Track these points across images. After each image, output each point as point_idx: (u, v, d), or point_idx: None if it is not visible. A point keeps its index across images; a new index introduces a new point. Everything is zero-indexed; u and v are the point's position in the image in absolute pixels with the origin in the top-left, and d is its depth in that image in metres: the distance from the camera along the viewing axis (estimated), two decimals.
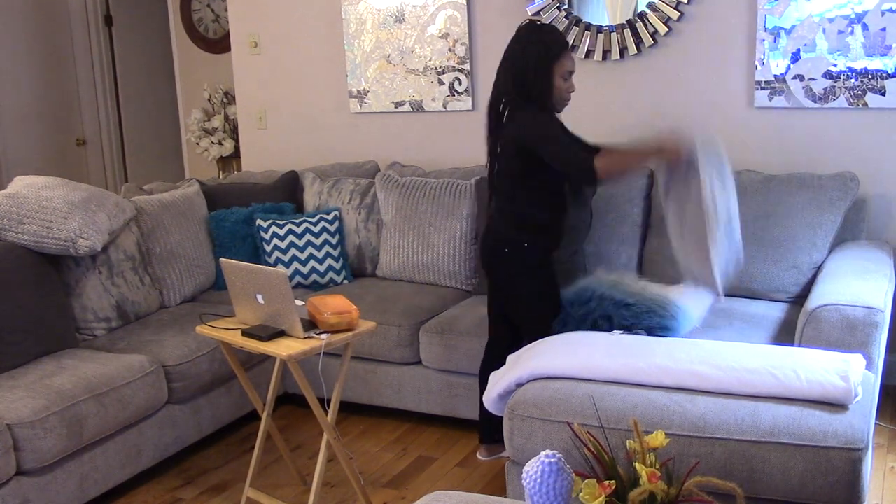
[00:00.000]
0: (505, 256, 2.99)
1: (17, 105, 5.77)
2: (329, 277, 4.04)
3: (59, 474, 2.82)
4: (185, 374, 3.26)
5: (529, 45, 2.90)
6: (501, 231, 3.02)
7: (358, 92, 4.60)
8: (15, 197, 3.30)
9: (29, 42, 5.83)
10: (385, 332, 3.50)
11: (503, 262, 3.01)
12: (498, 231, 3.03)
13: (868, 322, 2.67)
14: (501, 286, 3.07)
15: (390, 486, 3.12)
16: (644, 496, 1.70)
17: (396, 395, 3.59)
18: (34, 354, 3.11)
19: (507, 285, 3.05)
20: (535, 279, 3.01)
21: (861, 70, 3.49)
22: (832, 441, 2.11)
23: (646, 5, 3.83)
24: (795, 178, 3.42)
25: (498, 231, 3.03)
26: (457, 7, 4.26)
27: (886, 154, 3.55)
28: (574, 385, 2.47)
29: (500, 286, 3.08)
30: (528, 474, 1.68)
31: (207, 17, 5.79)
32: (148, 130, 6.44)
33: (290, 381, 3.76)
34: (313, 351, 2.58)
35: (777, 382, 2.29)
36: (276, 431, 3.03)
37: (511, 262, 2.99)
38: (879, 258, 3.20)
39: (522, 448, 2.46)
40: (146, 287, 3.66)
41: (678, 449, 2.21)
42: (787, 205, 3.35)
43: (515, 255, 2.97)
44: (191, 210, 4.02)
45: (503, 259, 3.00)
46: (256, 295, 2.66)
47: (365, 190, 4.19)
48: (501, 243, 3.00)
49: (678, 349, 2.54)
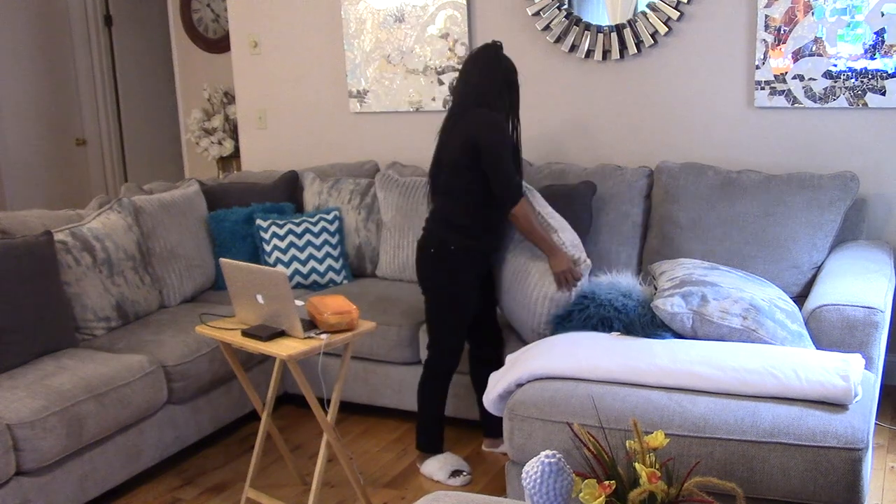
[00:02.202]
0: (430, 256, 3.07)
1: (17, 105, 5.77)
2: (329, 277, 4.04)
3: (59, 474, 2.82)
4: (185, 374, 3.26)
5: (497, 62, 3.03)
6: (431, 234, 3.09)
7: (358, 92, 4.60)
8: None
9: (29, 42, 5.83)
10: (385, 332, 3.50)
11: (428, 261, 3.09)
12: (428, 234, 3.10)
13: (868, 322, 2.67)
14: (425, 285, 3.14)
15: (390, 486, 3.12)
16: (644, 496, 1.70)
17: (396, 395, 3.59)
18: (34, 354, 3.10)
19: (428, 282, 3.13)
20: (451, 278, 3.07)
21: (861, 70, 3.49)
22: (832, 441, 2.11)
23: (646, 5, 3.83)
24: (795, 178, 3.42)
25: (428, 234, 3.10)
26: (457, 7, 4.26)
27: (886, 154, 3.55)
28: (574, 385, 2.47)
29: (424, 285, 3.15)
30: (528, 474, 1.68)
31: (207, 17, 5.78)
32: (148, 130, 6.44)
33: (290, 381, 3.76)
34: (313, 351, 2.58)
35: (777, 382, 2.30)
36: (276, 431, 3.03)
37: (435, 260, 3.07)
38: (879, 258, 3.20)
39: (522, 448, 2.46)
40: (146, 287, 3.66)
41: (678, 449, 2.21)
42: (787, 205, 3.35)
43: (439, 254, 3.05)
44: (191, 210, 4.02)
45: (428, 259, 3.08)
46: (256, 295, 2.66)
47: (365, 190, 4.19)
48: (431, 247, 3.08)
49: (678, 350, 2.54)
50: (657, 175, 3.68)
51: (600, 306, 2.91)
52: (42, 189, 5.94)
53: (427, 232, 3.11)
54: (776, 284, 3.29)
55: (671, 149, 3.91)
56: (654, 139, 3.96)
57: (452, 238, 3.03)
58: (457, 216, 3.04)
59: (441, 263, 3.05)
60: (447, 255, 3.03)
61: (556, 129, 4.16)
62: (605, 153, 4.04)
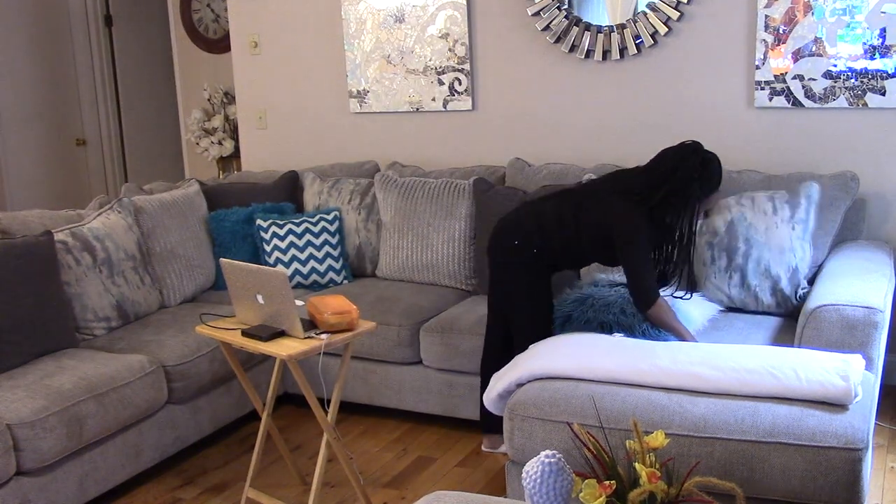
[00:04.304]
0: (511, 248, 3.01)
1: (17, 105, 5.77)
2: (329, 277, 4.04)
3: (59, 474, 2.82)
4: (185, 374, 3.26)
5: (689, 169, 2.85)
6: (523, 224, 3.02)
7: (358, 92, 4.60)
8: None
9: (29, 42, 5.83)
10: (385, 332, 3.50)
11: (506, 252, 3.03)
12: (519, 222, 3.03)
13: (868, 322, 2.67)
14: (498, 275, 3.09)
15: (390, 486, 3.12)
16: (644, 496, 1.70)
17: (396, 395, 3.59)
18: (34, 354, 3.10)
19: (504, 276, 3.07)
20: (531, 277, 3.02)
21: (861, 70, 3.49)
22: (832, 441, 2.11)
23: (646, 5, 3.83)
24: (795, 178, 3.42)
25: (519, 222, 3.03)
26: (457, 7, 4.26)
27: (886, 154, 3.55)
28: (574, 385, 2.47)
29: (496, 275, 3.09)
30: (528, 474, 1.68)
31: (207, 17, 5.79)
32: (148, 130, 6.44)
33: (290, 381, 3.76)
34: (313, 351, 2.58)
35: (777, 383, 2.29)
36: (276, 431, 3.03)
37: (514, 255, 3.00)
38: (879, 258, 3.20)
39: (522, 448, 2.46)
40: (146, 287, 3.66)
41: (678, 449, 2.21)
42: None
43: (522, 249, 2.99)
44: (191, 210, 4.02)
45: (508, 250, 3.02)
46: (256, 295, 2.66)
47: (365, 190, 4.19)
48: (514, 234, 3.01)
49: (679, 350, 2.54)
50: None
51: (599, 311, 2.91)
52: (42, 189, 5.94)
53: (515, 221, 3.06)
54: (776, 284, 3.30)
55: None
56: (654, 139, 3.94)
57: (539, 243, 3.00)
58: (548, 233, 2.98)
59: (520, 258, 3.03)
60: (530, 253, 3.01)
61: (556, 129, 4.16)
62: (604, 153, 4.04)
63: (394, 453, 3.39)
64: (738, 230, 3.18)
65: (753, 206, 3.23)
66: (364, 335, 2.78)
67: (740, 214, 3.20)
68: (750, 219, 3.20)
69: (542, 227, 2.98)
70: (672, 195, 2.83)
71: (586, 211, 2.95)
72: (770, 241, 3.16)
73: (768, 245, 3.16)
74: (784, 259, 3.15)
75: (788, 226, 3.17)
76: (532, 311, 3.02)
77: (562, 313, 2.99)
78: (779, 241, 3.16)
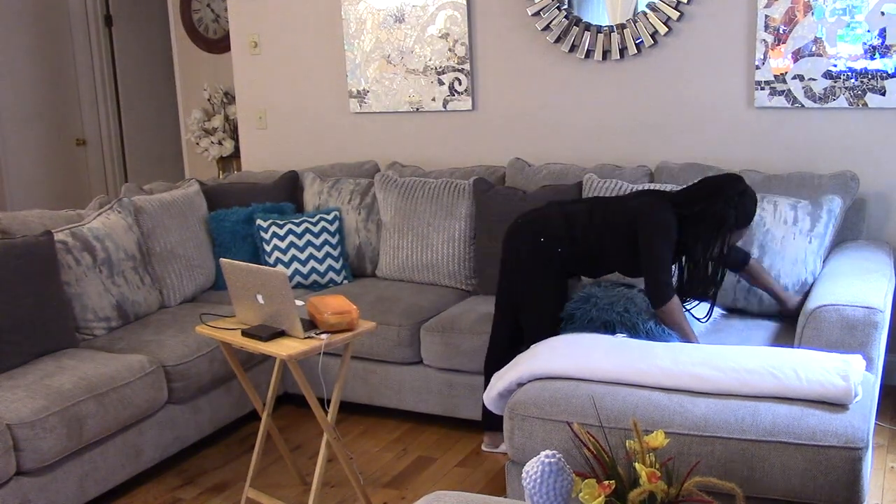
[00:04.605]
0: (537, 245, 3.01)
1: (17, 105, 5.77)
2: (329, 277, 4.04)
3: (59, 474, 2.82)
4: (185, 374, 3.26)
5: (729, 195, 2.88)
6: (551, 222, 3.02)
7: (358, 92, 4.60)
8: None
9: (29, 42, 5.83)
10: (385, 332, 3.50)
11: (530, 249, 3.02)
12: (547, 220, 3.03)
13: (868, 322, 2.67)
14: (515, 270, 3.08)
15: (390, 486, 3.12)
16: (644, 496, 1.70)
17: (396, 395, 3.59)
18: (34, 354, 3.10)
19: (524, 273, 3.06)
20: (552, 277, 3.02)
21: (861, 70, 3.49)
22: (832, 441, 2.11)
23: (646, 5, 3.83)
24: (795, 178, 3.42)
25: (547, 220, 3.03)
26: (457, 7, 4.26)
27: (886, 154, 3.55)
28: (574, 385, 2.47)
29: (514, 270, 3.09)
30: (528, 474, 1.68)
31: (207, 17, 5.79)
32: (148, 130, 6.44)
33: (290, 381, 3.76)
34: (313, 351, 2.58)
35: (777, 382, 2.29)
36: (276, 431, 3.03)
37: (539, 253, 3.00)
38: (879, 258, 3.20)
39: (522, 448, 2.46)
40: (146, 287, 3.66)
41: (678, 449, 2.21)
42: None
43: (547, 248, 2.99)
44: (191, 210, 4.02)
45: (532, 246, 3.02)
46: (256, 295, 2.66)
47: (365, 190, 4.19)
48: (539, 232, 3.01)
49: (679, 351, 2.54)
50: (657, 175, 3.68)
51: (603, 310, 2.90)
52: (42, 189, 5.94)
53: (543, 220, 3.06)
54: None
55: (671, 149, 3.91)
56: (654, 139, 3.96)
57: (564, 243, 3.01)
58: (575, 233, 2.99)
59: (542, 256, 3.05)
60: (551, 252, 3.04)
61: (556, 129, 4.16)
62: (604, 153, 4.04)
63: (394, 453, 3.39)
64: (754, 235, 3.18)
65: (775, 213, 3.21)
66: (364, 335, 2.78)
67: (759, 219, 3.18)
68: (769, 225, 3.19)
69: (570, 228, 3.00)
70: (707, 213, 2.85)
71: (616, 213, 2.98)
72: (785, 251, 3.15)
73: (782, 255, 3.15)
74: (795, 270, 3.14)
75: (806, 239, 3.16)
76: (552, 311, 3.01)
77: (565, 312, 2.99)
78: (793, 253, 3.15)
